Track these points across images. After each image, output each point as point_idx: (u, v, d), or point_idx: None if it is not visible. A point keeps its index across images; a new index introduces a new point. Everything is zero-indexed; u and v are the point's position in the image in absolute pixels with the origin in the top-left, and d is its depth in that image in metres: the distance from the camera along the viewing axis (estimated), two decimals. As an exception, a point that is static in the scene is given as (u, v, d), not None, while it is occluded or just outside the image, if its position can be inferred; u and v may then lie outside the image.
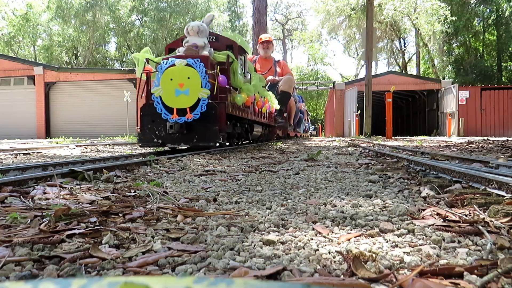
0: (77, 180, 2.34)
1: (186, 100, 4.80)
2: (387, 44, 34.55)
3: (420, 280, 0.78)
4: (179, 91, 4.82)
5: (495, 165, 2.82)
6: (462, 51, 30.14)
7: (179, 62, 4.85)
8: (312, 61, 45.16)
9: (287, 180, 2.48)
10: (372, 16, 15.60)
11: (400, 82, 21.61)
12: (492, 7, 27.54)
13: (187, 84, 4.80)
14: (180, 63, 4.85)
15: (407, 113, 28.38)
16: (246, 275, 0.83)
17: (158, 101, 4.87)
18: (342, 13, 31.92)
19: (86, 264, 0.91)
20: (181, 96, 4.81)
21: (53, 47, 31.49)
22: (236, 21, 39.67)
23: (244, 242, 1.08)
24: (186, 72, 4.82)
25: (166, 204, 1.61)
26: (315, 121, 46.26)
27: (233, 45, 6.04)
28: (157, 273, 0.87)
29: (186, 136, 4.94)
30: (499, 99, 19.91)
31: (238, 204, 1.65)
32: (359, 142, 8.77)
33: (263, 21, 17.83)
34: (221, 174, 2.86)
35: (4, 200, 1.66)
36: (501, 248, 0.98)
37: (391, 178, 2.47)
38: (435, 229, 1.18)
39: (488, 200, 1.50)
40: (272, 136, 11.07)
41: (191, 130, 4.94)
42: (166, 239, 1.12)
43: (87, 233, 1.15)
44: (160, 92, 4.85)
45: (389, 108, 13.93)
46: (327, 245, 1.04)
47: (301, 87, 28.53)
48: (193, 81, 4.79)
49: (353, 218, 1.33)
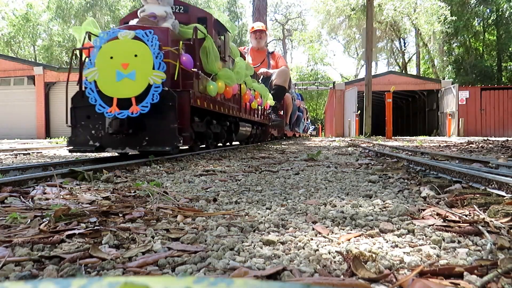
0: (77, 180, 2.34)
1: (131, 86, 3.52)
2: (387, 44, 34.54)
3: (420, 280, 0.78)
4: (122, 74, 3.53)
5: (495, 165, 2.82)
6: (462, 51, 30.14)
7: (123, 34, 3.59)
8: (312, 61, 45.17)
9: (287, 180, 2.48)
10: (372, 16, 15.60)
11: (400, 82, 21.62)
12: (492, 7, 27.54)
13: (133, 65, 3.53)
14: (125, 35, 3.59)
15: (407, 113, 28.38)
16: (246, 275, 0.83)
17: (92, 88, 3.58)
18: (342, 13, 31.92)
19: (86, 264, 0.91)
20: (124, 81, 3.52)
21: (53, 47, 31.51)
22: (235, 21, 39.67)
23: (244, 242, 1.08)
24: (132, 47, 3.56)
25: (166, 204, 1.61)
26: (315, 121, 46.30)
27: (206, 17, 4.68)
28: (157, 273, 0.87)
29: (132, 137, 3.67)
30: (499, 99, 19.91)
31: (238, 204, 1.65)
32: (359, 142, 8.77)
33: (263, 21, 17.82)
34: (221, 174, 2.86)
35: (4, 200, 1.66)
36: (501, 248, 0.98)
37: (391, 178, 2.47)
38: (435, 229, 1.18)
39: (488, 200, 1.50)
40: (266, 137, 9.73)
41: (139, 130, 3.68)
42: (166, 239, 1.12)
43: (87, 233, 1.15)
44: (95, 76, 3.57)
45: (389, 108, 13.93)
46: (327, 245, 1.04)
47: (301, 87, 28.54)
48: (142, 60, 3.53)
49: (353, 218, 1.33)
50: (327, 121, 31.52)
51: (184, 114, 3.80)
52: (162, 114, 3.64)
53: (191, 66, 4.03)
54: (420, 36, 29.69)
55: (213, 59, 4.43)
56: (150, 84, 3.53)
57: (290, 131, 14.79)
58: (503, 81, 28.18)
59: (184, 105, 3.78)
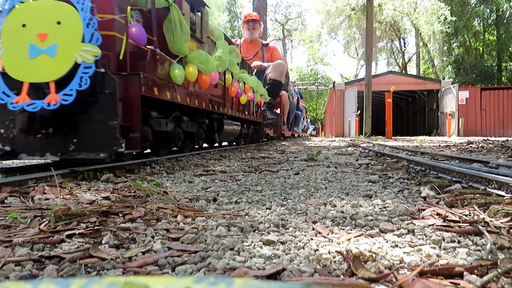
0: (77, 180, 2.34)
1: (50, 66, 2.55)
2: (387, 44, 34.56)
3: (420, 280, 0.78)
4: (38, 49, 2.54)
5: (495, 165, 2.82)
6: (462, 51, 30.16)
7: None
8: (312, 61, 45.19)
9: (287, 180, 2.48)
10: (372, 16, 15.61)
11: (400, 82, 21.63)
12: (492, 7, 27.56)
13: (54, 36, 2.55)
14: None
15: (407, 113, 28.40)
16: (246, 275, 0.83)
17: None
18: (342, 13, 31.95)
19: (86, 264, 0.91)
20: (40, 58, 2.55)
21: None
22: (235, 21, 39.68)
23: (244, 242, 1.08)
24: (54, 11, 2.59)
25: (166, 204, 1.61)
26: (315, 121, 46.29)
27: None
28: (157, 273, 0.87)
29: (56, 139, 2.71)
30: (499, 99, 19.92)
31: (238, 204, 1.65)
32: (359, 142, 8.78)
33: (263, 21, 17.83)
34: (221, 174, 2.86)
35: (4, 200, 1.67)
36: (501, 248, 0.98)
37: (391, 178, 2.47)
38: (435, 229, 1.18)
39: (488, 200, 1.50)
40: (260, 137, 8.65)
41: (65, 128, 2.71)
42: (166, 239, 1.12)
43: (87, 233, 1.15)
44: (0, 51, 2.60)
45: (389, 108, 13.94)
46: (327, 245, 1.04)
47: (301, 87, 28.54)
48: (67, 30, 2.56)
49: (353, 218, 1.33)
50: (327, 121, 31.53)
51: (131, 107, 2.77)
52: (96, 106, 2.66)
53: (144, 41, 3.04)
54: (420, 36, 29.71)
55: (180, 37, 3.37)
56: (77, 63, 2.52)
57: (288, 131, 13.68)
58: (503, 81, 28.19)
59: (131, 95, 2.77)
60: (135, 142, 2.79)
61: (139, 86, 2.82)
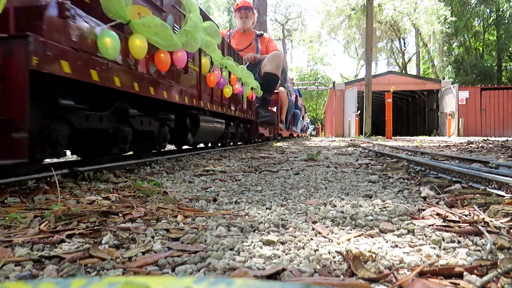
0: (77, 180, 2.34)
1: None
2: (387, 44, 34.57)
3: (420, 280, 0.79)
4: None
5: (495, 165, 2.82)
6: (462, 51, 30.17)
7: None
8: (312, 61, 45.21)
9: (287, 180, 2.48)
10: (372, 16, 15.61)
11: (400, 82, 21.63)
12: (492, 7, 27.57)
13: None
14: None
15: (407, 113, 28.40)
16: (246, 275, 0.83)
17: None
18: (342, 13, 31.96)
19: (86, 264, 0.91)
20: None
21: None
22: (236, 21, 39.68)
23: (244, 242, 1.08)
24: None
25: (166, 204, 1.61)
26: (315, 121, 46.30)
27: None
28: (157, 273, 0.87)
29: None
30: (499, 99, 19.93)
31: (238, 204, 1.65)
32: (359, 142, 8.78)
33: (263, 21, 17.82)
34: (221, 174, 2.86)
35: (4, 200, 1.66)
36: (501, 248, 0.98)
37: (391, 178, 2.47)
38: (435, 229, 1.18)
39: (488, 200, 1.50)
40: (253, 136, 7.65)
41: None
42: (166, 239, 1.12)
43: (87, 233, 1.15)
44: None
45: (389, 108, 13.95)
46: (327, 245, 1.04)
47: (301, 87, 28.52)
48: None
49: (353, 218, 1.33)
50: (327, 121, 31.53)
51: (13, 91, 1.77)
52: None
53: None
54: (420, 36, 29.71)
55: None
56: None
57: (286, 131, 12.50)
58: (503, 81, 28.20)
59: (13, 71, 1.76)
60: (19, 147, 1.79)
61: (27, 56, 1.75)
